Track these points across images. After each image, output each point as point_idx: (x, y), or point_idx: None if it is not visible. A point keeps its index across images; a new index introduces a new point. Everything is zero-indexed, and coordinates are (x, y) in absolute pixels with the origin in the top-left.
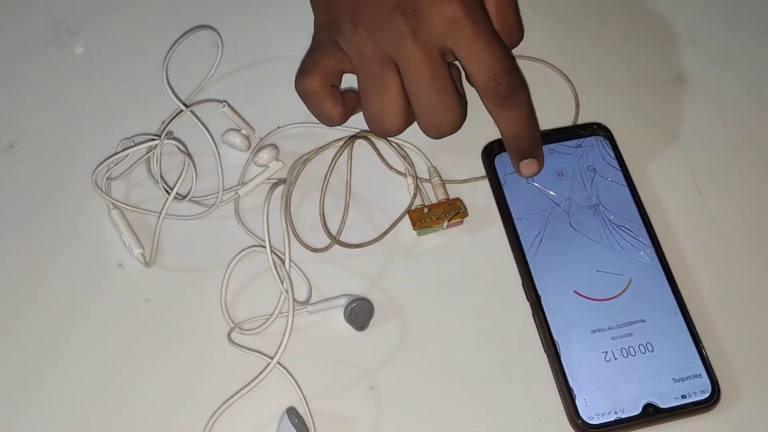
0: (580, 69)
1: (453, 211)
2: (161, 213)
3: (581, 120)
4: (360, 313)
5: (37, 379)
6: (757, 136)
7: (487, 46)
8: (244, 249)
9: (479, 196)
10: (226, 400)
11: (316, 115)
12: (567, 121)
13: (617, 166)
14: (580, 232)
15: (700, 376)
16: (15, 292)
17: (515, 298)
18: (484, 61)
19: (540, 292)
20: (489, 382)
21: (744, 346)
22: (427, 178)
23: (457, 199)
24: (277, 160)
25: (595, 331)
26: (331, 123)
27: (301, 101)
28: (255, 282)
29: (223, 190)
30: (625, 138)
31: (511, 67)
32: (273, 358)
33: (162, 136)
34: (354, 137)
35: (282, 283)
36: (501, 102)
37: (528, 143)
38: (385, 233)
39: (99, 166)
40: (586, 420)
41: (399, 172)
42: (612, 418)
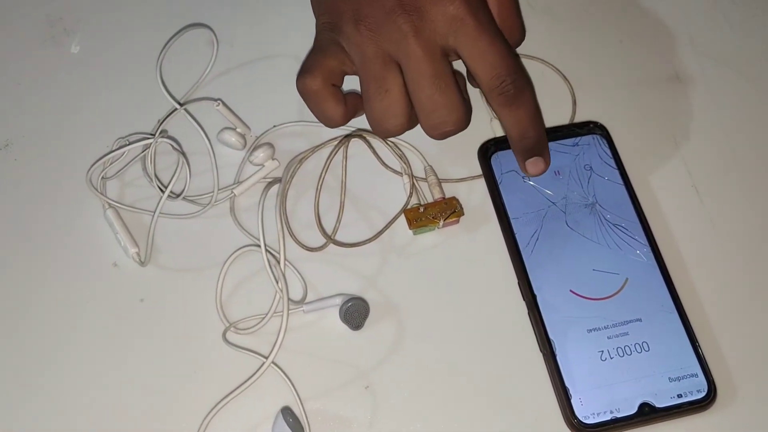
0: (577, 67)
1: (449, 210)
2: (155, 212)
3: (578, 118)
4: (355, 312)
5: (31, 379)
6: (755, 135)
7: (491, 45)
8: (240, 248)
9: (475, 195)
10: (221, 400)
11: (317, 115)
12: (564, 119)
13: (614, 164)
14: (577, 231)
15: (696, 375)
16: (10, 291)
17: (511, 298)
18: (488, 60)
19: (536, 291)
20: (484, 382)
21: (740, 346)
22: (423, 177)
23: (453, 198)
24: (273, 159)
25: (591, 330)
26: (332, 124)
27: (301, 102)
28: (250, 281)
29: (219, 189)
30: (622, 137)
31: (515, 65)
32: (268, 358)
33: (156, 135)
34: (349, 136)
35: (277, 282)
36: (507, 101)
37: (534, 142)
38: (380, 232)
39: (93, 166)
40: (581, 419)
41: (395, 171)
42: (608, 417)
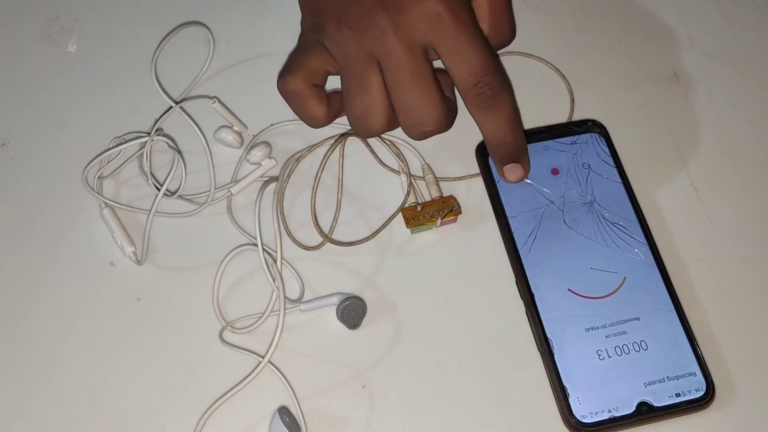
0: (576, 65)
1: (446, 208)
2: (151, 210)
3: (576, 117)
4: (352, 311)
5: (28, 378)
6: (753, 133)
7: (469, 43)
8: (237, 247)
9: (473, 194)
10: (217, 399)
11: (300, 115)
12: (562, 117)
13: (612, 163)
14: (575, 230)
15: (695, 374)
16: (6, 291)
17: (509, 296)
18: (466, 58)
19: (534, 290)
20: (482, 381)
21: (739, 345)
22: (421, 175)
23: (451, 197)
24: (270, 158)
25: (589, 329)
26: (315, 124)
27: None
28: (247, 280)
29: (215, 187)
30: (620, 135)
31: (494, 65)
32: (264, 357)
33: (152, 133)
34: (346, 134)
35: (274, 281)
36: (482, 103)
37: (512, 148)
38: (378, 231)
39: (89, 165)
40: (579, 419)
41: (392, 170)
42: (606, 416)
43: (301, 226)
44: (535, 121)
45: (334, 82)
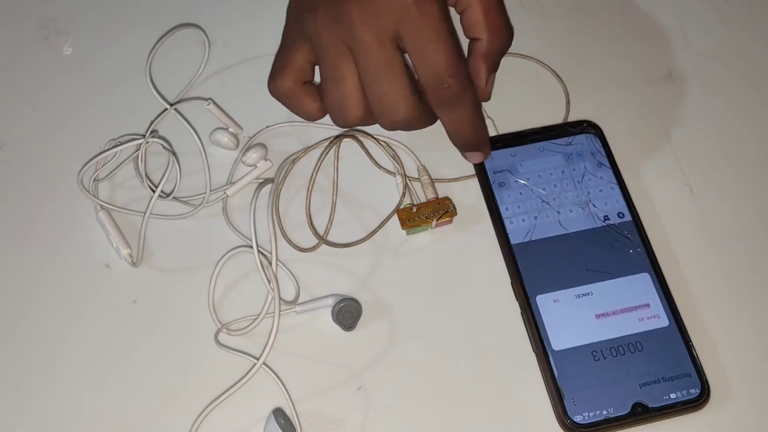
0: (571, 66)
1: (442, 210)
2: (146, 211)
3: (572, 118)
4: (348, 313)
5: (24, 380)
6: (749, 133)
7: (433, 41)
8: (232, 249)
9: (468, 195)
10: (212, 401)
11: (295, 113)
12: (557, 118)
13: (608, 164)
14: (570, 231)
15: (690, 375)
16: (2, 293)
17: (504, 298)
18: (428, 57)
19: (529, 291)
20: (477, 382)
21: (734, 346)
22: (416, 176)
23: (446, 198)
24: (266, 160)
25: (584, 330)
26: (312, 119)
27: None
28: (243, 282)
29: (211, 189)
30: (615, 136)
31: (455, 66)
32: (259, 359)
33: (147, 135)
34: (340, 136)
35: (269, 283)
36: (442, 102)
37: (472, 142)
38: (373, 232)
39: (84, 167)
40: (574, 419)
41: (388, 171)
42: (600, 417)
43: (297, 228)
44: (530, 122)
45: None
